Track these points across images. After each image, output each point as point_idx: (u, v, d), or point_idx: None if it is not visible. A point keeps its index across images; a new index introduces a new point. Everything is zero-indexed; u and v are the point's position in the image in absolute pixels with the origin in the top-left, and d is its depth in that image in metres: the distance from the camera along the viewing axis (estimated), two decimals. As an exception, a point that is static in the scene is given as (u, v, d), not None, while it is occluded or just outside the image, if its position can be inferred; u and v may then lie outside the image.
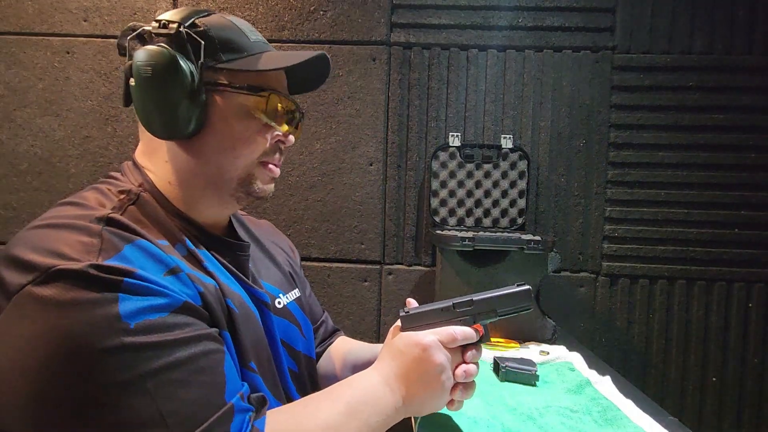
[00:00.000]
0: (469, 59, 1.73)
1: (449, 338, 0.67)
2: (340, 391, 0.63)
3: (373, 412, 0.62)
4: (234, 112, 0.65)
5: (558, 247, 1.70)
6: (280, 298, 0.78)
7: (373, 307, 1.75)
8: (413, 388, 0.65)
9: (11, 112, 1.75)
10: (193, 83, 0.62)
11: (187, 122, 0.62)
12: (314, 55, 0.68)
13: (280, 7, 1.73)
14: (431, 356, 0.65)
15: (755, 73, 1.66)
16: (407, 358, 0.66)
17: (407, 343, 0.66)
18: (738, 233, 1.69)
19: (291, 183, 1.75)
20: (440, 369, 0.65)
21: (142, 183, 0.65)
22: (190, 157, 0.66)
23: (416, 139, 1.75)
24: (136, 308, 0.51)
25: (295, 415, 0.59)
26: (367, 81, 1.73)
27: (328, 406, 0.60)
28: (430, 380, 0.65)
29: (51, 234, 0.54)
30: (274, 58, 0.67)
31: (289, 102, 0.70)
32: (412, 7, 1.71)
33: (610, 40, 1.70)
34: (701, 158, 1.69)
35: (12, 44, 1.74)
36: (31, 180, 1.75)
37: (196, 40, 0.62)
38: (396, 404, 0.64)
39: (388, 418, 0.64)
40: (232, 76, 0.65)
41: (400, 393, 0.65)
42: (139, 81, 0.62)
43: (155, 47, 0.61)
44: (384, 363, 0.68)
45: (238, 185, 0.67)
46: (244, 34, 0.67)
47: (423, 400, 0.66)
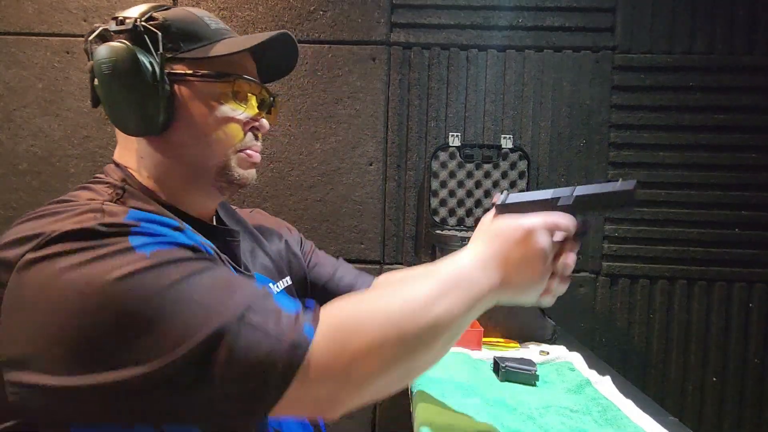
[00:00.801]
0: (469, 59, 1.73)
1: (554, 225, 0.62)
2: (426, 272, 0.59)
3: (464, 293, 0.57)
4: (201, 101, 0.65)
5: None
6: (269, 287, 0.78)
7: (373, 307, 1.74)
8: (512, 272, 0.60)
9: (11, 112, 1.75)
10: (155, 76, 0.61)
11: (155, 116, 0.62)
12: (274, 35, 0.67)
13: (280, 7, 1.72)
14: (535, 240, 0.61)
15: (756, 73, 1.66)
16: (508, 240, 0.61)
17: (508, 226, 0.62)
18: (739, 233, 1.69)
19: (291, 183, 1.75)
20: (543, 254, 0.61)
21: (125, 179, 0.65)
22: (165, 152, 0.65)
23: (416, 139, 1.75)
24: (148, 242, 0.51)
25: (372, 296, 0.56)
26: (367, 81, 1.72)
27: (412, 286, 0.56)
28: (531, 265, 0.61)
29: (48, 218, 0.54)
30: (234, 43, 0.67)
31: (256, 86, 0.70)
32: (412, 7, 1.71)
33: (611, 40, 1.70)
34: (702, 158, 1.69)
35: (12, 44, 1.74)
36: (30, 180, 1.75)
37: (153, 32, 0.62)
38: (491, 286, 0.59)
39: (481, 301, 0.58)
40: (194, 65, 0.64)
41: (497, 276, 0.60)
42: (102, 79, 0.62)
43: (113, 44, 0.61)
44: (478, 245, 0.63)
45: (217, 174, 0.67)
46: (204, 22, 0.67)
47: (521, 286, 0.62)
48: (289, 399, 0.49)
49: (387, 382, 0.53)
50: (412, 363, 0.54)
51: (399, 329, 0.52)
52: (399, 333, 0.52)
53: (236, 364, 0.47)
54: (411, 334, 0.52)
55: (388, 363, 0.52)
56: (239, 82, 0.67)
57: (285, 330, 0.50)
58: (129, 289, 0.48)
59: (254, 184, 1.81)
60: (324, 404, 0.52)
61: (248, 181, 0.70)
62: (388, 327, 0.52)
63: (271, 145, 1.73)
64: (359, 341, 0.51)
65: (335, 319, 0.52)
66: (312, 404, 0.51)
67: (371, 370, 0.51)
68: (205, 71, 0.65)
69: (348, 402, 0.52)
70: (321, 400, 0.51)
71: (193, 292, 0.50)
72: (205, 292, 0.50)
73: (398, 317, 0.53)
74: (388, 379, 0.53)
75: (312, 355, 0.49)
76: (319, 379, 0.49)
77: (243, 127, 0.68)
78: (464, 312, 0.57)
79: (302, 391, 0.49)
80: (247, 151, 0.69)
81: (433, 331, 0.54)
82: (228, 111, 0.66)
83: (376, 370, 0.51)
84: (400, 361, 0.53)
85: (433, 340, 0.54)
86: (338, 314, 0.53)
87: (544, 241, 0.61)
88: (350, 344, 0.51)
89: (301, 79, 1.73)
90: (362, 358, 0.50)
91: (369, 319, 0.52)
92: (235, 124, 0.67)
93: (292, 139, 1.74)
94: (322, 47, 1.72)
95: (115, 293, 0.47)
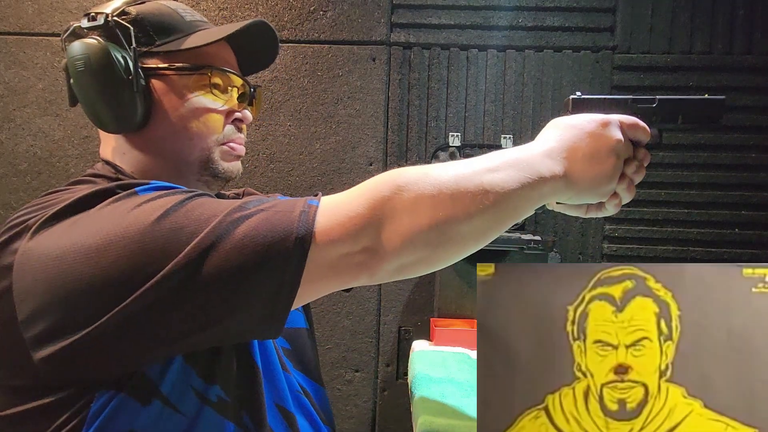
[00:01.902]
0: (469, 59, 1.73)
1: (631, 122, 0.60)
2: (488, 156, 0.56)
3: (520, 173, 0.54)
4: (178, 94, 0.64)
5: (558, 247, 1.70)
6: None
7: (373, 306, 1.74)
8: (580, 164, 0.57)
9: (11, 112, 1.75)
10: (129, 71, 0.61)
11: (132, 112, 0.62)
12: (249, 23, 0.66)
13: (280, 7, 1.73)
14: (610, 132, 0.58)
15: (755, 74, 1.66)
16: (581, 131, 0.58)
17: (582, 117, 0.59)
18: (739, 233, 1.69)
19: (291, 183, 1.75)
20: (617, 148, 0.58)
21: (117, 173, 0.65)
22: (145, 148, 0.65)
23: (416, 139, 1.75)
24: (152, 187, 0.53)
25: (428, 168, 0.54)
26: (367, 81, 1.73)
27: (469, 161, 0.55)
28: (603, 159, 0.58)
29: (55, 197, 0.55)
30: (209, 34, 0.66)
31: (234, 77, 0.68)
32: (412, 7, 1.71)
33: (610, 40, 1.70)
34: (701, 158, 1.69)
35: (12, 44, 1.74)
36: (30, 180, 1.75)
37: (125, 27, 0.61)
38: (553, 174, 0.56)
39: (540, 186, 0.55)
40: (169, 59, 0.64)
41: (562, 166, 0.56)
42: (76, 76, 0.61)
43: (85, 40, 0.60)
44: (547, 134, 0.60)
45: (200, 168, 0.67)
46: (178, 14, 0.66)
47: (588, 182, 0.58)
48: (313, 264, 0.49)
49: (422, 240, 0.51)
50: (450, 227, 0.51)
51: (441, 186, 0.51)
52: (441, 189, 0.51)
53: (251, 237, 0.48)
54: (452, 192, 0.51)
55: (424, 218, 0.50)
56: (216, 73, 0.66)
57: (293, 205, 0.51)
58: (138, 217, 0.49)
59: (254, 184, 1.81)
60: (361, 257, 0.51)
61: (233, 174, 0.70)
62: (430, 182, 0.51)
63: (271, 145, 1.73)
64: (400, 194, 0.50)
65: (378, 177, 0.53)
66: (347, 261, 0.51)
67: (406, 222, 0.50)
68: (181, 64, 0.64)
69: (387, 255, 0.51)
70: (355, 254, 0.50)
71: (199, 204, 0.51)
72: (210, 202, 0.52)
73: (445, 178, 0.52)
74: (424, 238, 0.51)
75: (334, 211, 0.50)
76: (351, 234, 0.50)
77: (224, 119, 0.67)
78: (517, 190, 0.53)
79: (325, 253, 0.49)
80: (229, 144, 0.68)
81: (479, 196, 0.52)
82: (206, 103, 0.66)
83: (410, 224, 0.50)
84: (438, 220, 0.51)
85: (476, 206, 0.51)
86: (381, 175, 0.53)
87: (619, 135, 0.58)
88: (389, 195, 0.50)
89: (301, 79, 1.73)
90: (398, 209, 0.50)
91: (414, 177, 0.52)
92: (214, 116, 0.66)
93: (292, 139, 1.74)
94: (322, 47, 1.72)
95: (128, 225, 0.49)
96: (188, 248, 0.47)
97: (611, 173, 0.59)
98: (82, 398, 0.50)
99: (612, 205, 0.63)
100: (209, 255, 0.47)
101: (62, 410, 0.50)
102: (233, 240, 0.48)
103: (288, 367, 0.71)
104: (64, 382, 0.50)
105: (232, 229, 0.49)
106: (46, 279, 0.48)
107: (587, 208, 0.66)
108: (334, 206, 0.52)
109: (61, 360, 0.48)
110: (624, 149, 0.60)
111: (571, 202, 0.63)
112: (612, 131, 0.59)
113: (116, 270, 0.47)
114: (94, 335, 0.47)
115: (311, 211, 0.51)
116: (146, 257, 0.47)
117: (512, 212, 0.55)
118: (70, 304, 0.48)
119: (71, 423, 0.50)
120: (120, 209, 0.50)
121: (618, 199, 0.63)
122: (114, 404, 0.51)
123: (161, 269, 0.47)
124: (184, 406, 0.54)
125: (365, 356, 1.74)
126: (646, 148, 0.63)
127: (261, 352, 0.63)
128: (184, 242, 0.48)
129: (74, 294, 0.47)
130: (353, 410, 1.75)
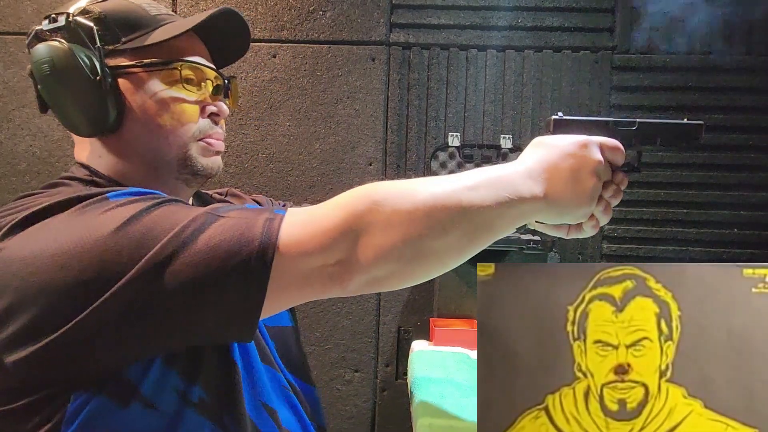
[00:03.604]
0: (468, 59, 1.73)
1: (613, 144, 0.60)
2: (467, 173, 0.56)
3: (500, 192, 0.54)
4: (148, 92, 0.62)
5: (557, 247, 1.70)
6: None
7: (372, 306, 1.74)
8: (560, 184, 0.57)
9: (10, 112, 1.75)
10: (95, 71, 0.59)
11: (103, 114, 0.60)
12: (214, 12, 0.63)
13: (280, 7, 1.72)
14: (590, 153, 0.58)
15: (755, 74, 1.66)
16: (562, 152, 0.58)
17: (562, 137, 0.60)
18: (739, 233, 1.69)
19: (290, 183, 1.75)
20: (597, 169, 0.58)
21: (92, 176, 0.64)
22: (121, 150, 0.64)
23: (415, 139, 1.75)
24: (125, 193, 0.53)
25: (404, 183, 0.55)
26: (367, 81, 1.72)
27: (447, 178, 0.55)
28: (581, 180, 0.58)
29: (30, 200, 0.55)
30: (174, 27, 0.64)
31: (206, 69, 0.66)
32: (412, 7, 1.71)
33: (610, 40, 1.70)
34: (701, 158, 1.69)
35: (11, 44, 1.74)
36: (29, 180, 1.75)
37: (88, 26, 0.59)
38: (533, 195, 0.56)
39: (520, 206, 0.55)
40: (137, 56, 0.62)
41: (542, 186, 0.57)
42: (42, 81, 0.60)
43: (48, 43, 0.59)
44: (527, 155, 0.60)
45: (179, 167, 0.65)
46: (143, 9, 0.64)
47: (567, 202, 0.58)
48: (282, 273, 0.49)
49: (395, 255, 0.51)
50: (424, 243, 0.52)
51: (417, 202, 0.51)
52: (417, 204, 0.51)
53: (214, 247, 0.48)
54: (428, 209, 0.51)
55: (398, 233, 0.50)
56: (186, 66, 0.64)
57: (259, 213, 0.52)
58: (105, 222, 0.49)
59: (253, 184, 1.81)
60: (334, 269, 0.51)
61: (213, 170, 0.68)
62: (406, 198, 0.52)
63: (270, 145, 1.73)
64: (376, 208, 0.51)
65: (353, 191, 0.53)
66: (316, 273, 0.51)
67: (380, 236, 0.50)
68: (149, 60, 0.62)
69: (359, 268, 0.51)
70: (329, 266, 0.51)
71: (167, 210, 0.51)
72: (179, 209, 0.52)
73: (422, 194, 0.52)
74: (397, 253, 0.51)
75: (308, 223, 0.51)
76: (326, 246, 0.50)
77: (198, 112, 0.66)
78: (494, 208, 0.53)
79: (295, 263, 0.50)
80: (207, 140, 0.66)
81: (455, 213, 0.52)
82: (177, 98, 0.63)
83: (384, 239, 0.50)
84: (412, 235, 0.51)
85: (451, 223, 0.52)
86: (356, 189, 0.53)
87: (599, 156, 0.59)
88: (364, 210, 0.51)
89: (300, 79, 1.73)
90: (373, 223, 0.50)
91: (390, 192, 0.52)
92: (187, 111, 0.64)
93: (291, 139, 1.74)
94: (321, 47, 1.72)
95: (96, 229, 0.49)
96: (151, 254, 0.47)
97: (591, 194, 0.59)
98: (55, 401, 0.50)
99: (590, 227, 0.64)
100: (172, 261, 0.47)
101: (35, 413, 0.50)
102: (196, 247, 0.48)
103: (278, 364, 0.71)
104: (36, 385, 0.50)
105: (196, 236, 0.49)
106: (15, 282, 0.48)
107: (568, 229, 0.66)
108: (308, 218, 0.52)
109: (32, 363, 0.48)
110: (604, 171, 0.60)
111: (550, 222, 0.64)
112: (592, 152, 0.59)
113: (84, 274, 0.47)
114: (63, 339, 0.47)
115: (276, 219, 0.51)
116: (113, 262, 0.47)
117: (488, 230, 0.55)
118: (38, 308, 0.47)
119: (46, 425, 0.50)
120: (90, 214, 0.50)
121: (595, 221, 0.64)
122: (91, 407, 0.50)
123: (127, 274, 0.47)
124: (164, 407, 0.54)
125: (364, 356, 1.74)
126: (624, 173, 0.63)
127: (241, 352, 0.63)
128: (150, 248, 0.48)
129: (42, 298, 0.47)
130: (353, 410, 1.74)
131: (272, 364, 0.69)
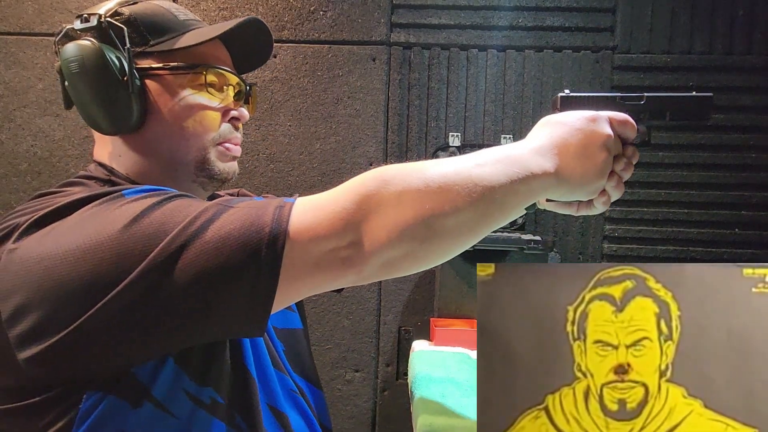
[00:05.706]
0: (469, 59, 1.73)
1: (622, 118, 0.60)
2: (477, 153, 0.56)
3: (509, 168, 0.53)
4: (173, 94, 0.64)
5: (558, 247, 1.70)
6: None
7: (373, 307, 1.74)
8: (570, 160, 0.57)
9: (11, 112, 1.75)
10: (123, 72, 0.61)
11: (128, 113, 0.62)
12: (242, 21, 0.66)
13: (280, 7, 1.73)
14: (600, 128, 0.58)
15: (755, 74, 1.66)
16: (571, 127, 0.58)
17: (571, 113, 0.60)
18: (738, 233, 1.69)
19: (291, 183, 1.75)
20: (607, 143, 0.58)
21: (110, 175, 0.65)
22: (141, 149, 0.65)
23: (416, 139, 1.75)
24: (139, 190, 0.53)
25: (415, 163, 0.54)
26: (367, 81, 1.73)
27: (457, 158, 0.54)
28: (592, 155, 0.58)
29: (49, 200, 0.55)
30: (202, 32, 0.66)
31: (229, 75, 0.68)
32: (412, 7, 1.71)
33: (610, 40, 1.70)
34: (701, 158, 1.69)
35: (12, 44, 1.74)
36: (30, 180, 1.75)
37: (119, 27, 0.61)
38: (544, 170, 0.55)
39: (530, 182, 0.54)
40: (163, 59, 0.64)
41: (552, 163, 0.56)
42: (70, 78, 0.61)
43: (79, 42, 0.60)
44: (536, 132, 0.60)
45: (196, 170, 0.66)
46: (171, 14, 0.66)
47: (578, 178, 0.58)
48: (294, 260, 0.49)
49: (409, 234, 0.50)
50: (437, 220, 0.51)
51: (428, 179, 0.51)
52: (428, 182, 0.51)
53: (224, 237, 0.48)
54: (439, 185, 0.51)
55: (410, 211, 0.50)
56: (211, 72, 0.66)
57: (269, 202, 0.52)
58: (117, 218, 0.49)
59: (254, 184, 1.81)
60: (347, 252, 0.50)
61: (229, 175, 0.69)
62: (417, 176, 0.51)
63: (271, 145, 1.73)
64: (386, 187, 0.50)
65: (363, 174, 0.53)
66: (330, 257, 0.50)
67: (392, 215, 0.50)
68: (175, 63, 0.64)
69: (372, 250, 0.50)
70: (341, 249, 0.50)
71: (180, 204, 0.52)
72: (191, 202, 0.52)
73: (432, 171, 0.52)
74: (410, 232, 0.50)
75: (319, 208, 0.50)
76: (338, 229, 0.49)
77: (220, 117, 0.67)
78: (506, 183, 0.53)
79: (306, 249, 0.49)
80: (225, 144, 0.68)
81: (467, 189, 0.51)
82: (202, 101, 0.65)
83: (396, 217, 0.50)
84: (425, 213, 0.50)
85: (463, 199, 0.51)
86: (366, 172, 0.53)
87: (609, 130, 0.59)
88: (375, 190, 0.50)
89: (301, 79, 1.73)
90: (384, 202, 0.50)
91: (400, 171, 0.52)
92: (210, 114, 0.66)
93: (292, 139, 1.74)
94: (322, 47, 1.72)
95: (109, 226, 0.49)
96: (162, 245, 0.47)
97: (602, 168, 0.59)
98: (69, 399, 0.50)
99: (601, 203, 0.63)
100: (183, 252, 0.47)
101: (48, 410, 0.50)
102: (206, 237, 0.48)
103: (285, 367, 0.71)
104: (49, 382, 0.50)
105: (206, 226, 0.49)
106: (29, 279, 0.48)
107: (578, 206, 0.65)
108: (319, 203, 0.52)
109: (45, 360, 0.48)
110: (614, 145, 0.60)
111: (561, 199, 0.63)
112: (602, 127, 0.59)
113: (98, 270, 0.47)
114: (76, 336, 0.47)
115: (286, 207, 0.51)
116: (126, 256, 0.47)
117: (500, 207, 0.54)
118: (52, 305, 0.48)
119: (58, 423, 0.50)
120: (104, 211, 0.50)
121: (606, 197, 0.63)
122: (104, 406, 0.50)
123: (138, 268, 0.47)
124: (176, 409, 0.54)
125: (365, 356, 1.74)
126: (635, 147, 0.63)
127: (253, 354, 0.63)
128: (161, 241, 0.48)
129: (56, 294, 0.47)
130: (353, 410, 1.75)
131: (281, 368, 0.70)
